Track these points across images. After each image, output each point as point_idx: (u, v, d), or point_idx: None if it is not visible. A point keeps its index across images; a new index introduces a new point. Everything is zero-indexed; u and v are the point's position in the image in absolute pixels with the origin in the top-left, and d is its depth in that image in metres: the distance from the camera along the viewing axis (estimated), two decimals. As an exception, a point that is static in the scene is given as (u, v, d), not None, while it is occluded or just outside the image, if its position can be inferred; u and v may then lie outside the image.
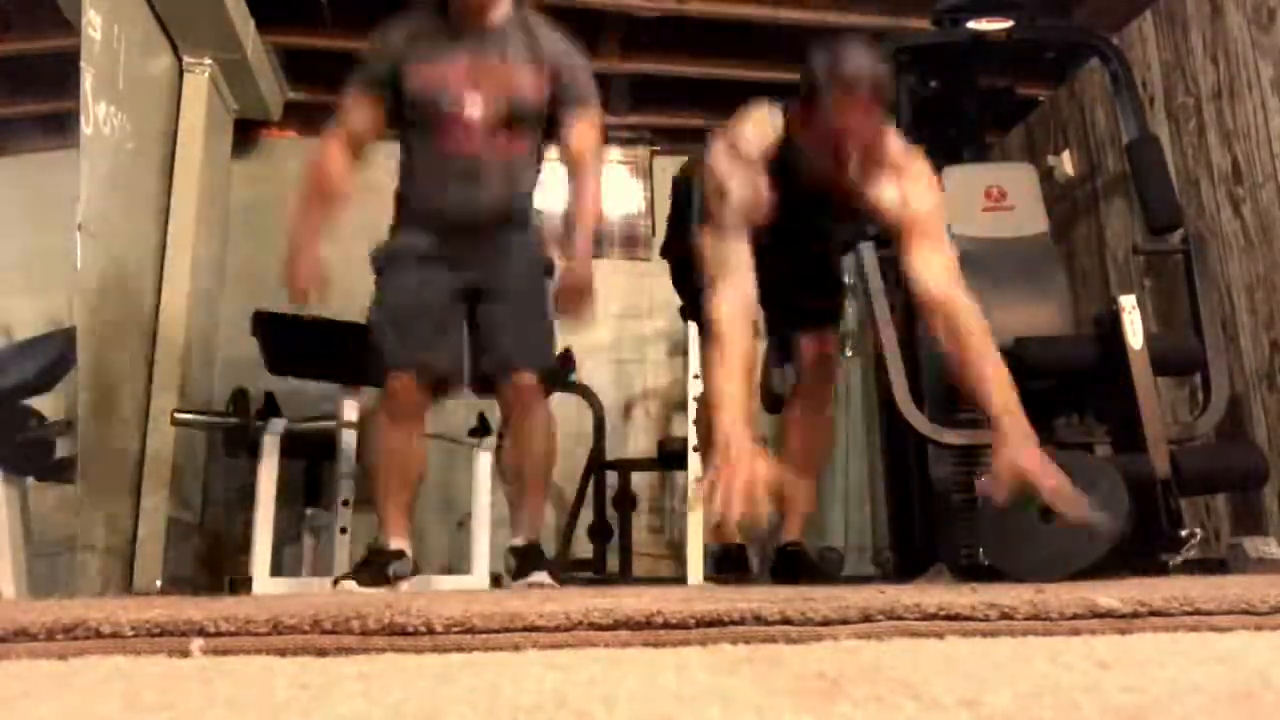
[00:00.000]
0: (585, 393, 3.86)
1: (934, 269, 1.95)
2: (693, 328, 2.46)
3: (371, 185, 2.47)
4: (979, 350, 1.90)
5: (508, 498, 2.46)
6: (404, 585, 2.26)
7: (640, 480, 3.94)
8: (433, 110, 2.22)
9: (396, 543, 2.25)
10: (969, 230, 3.02)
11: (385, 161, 2.45)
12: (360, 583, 2.15)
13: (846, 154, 1.89)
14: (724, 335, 1.91)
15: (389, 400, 2.25)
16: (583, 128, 2.29)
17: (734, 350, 1.89)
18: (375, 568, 2.19)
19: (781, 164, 2.01)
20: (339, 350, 3.17)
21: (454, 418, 3.83)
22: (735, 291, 1.93)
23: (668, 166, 4.55)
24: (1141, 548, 2.07)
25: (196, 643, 0.80)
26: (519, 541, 2.34)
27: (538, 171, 2.38)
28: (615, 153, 4.54)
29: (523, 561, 2.29)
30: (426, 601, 0.99)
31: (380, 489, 2.29)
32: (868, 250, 2.66)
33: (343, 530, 3.09)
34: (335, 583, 2.24)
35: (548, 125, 2.31)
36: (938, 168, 3.12)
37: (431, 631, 0.82)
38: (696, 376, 2.34)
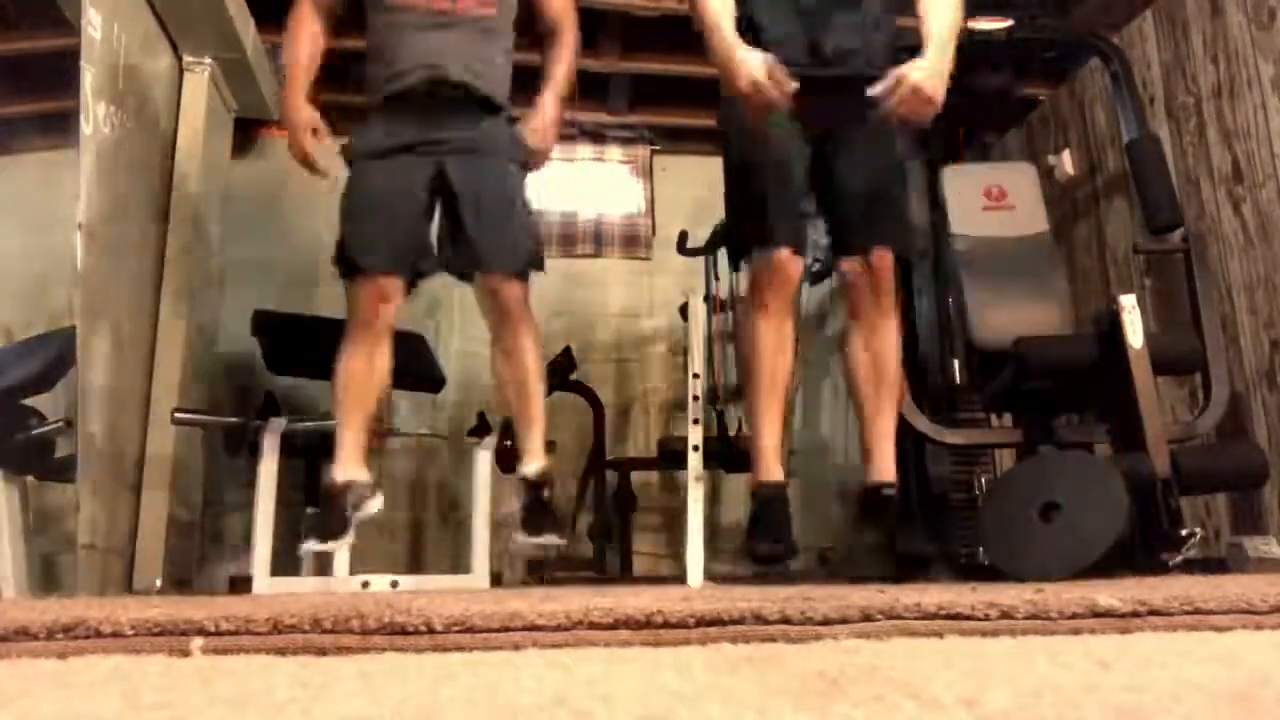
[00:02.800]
0: (585, 392, 3.86)
1: None
2: (692, 326, 2.45)
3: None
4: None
5: (513, 416, 2.37)
6: (371, 508, 2.15)
7: (640, 480, 3.94)
8: None
9: (345, 473, 2.12)
10: (969, 230, 3.03)
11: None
12: (323, 538, 2.06)
13: None
14: None
15: (353, 310, 2.18)
16: None
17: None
18: (332, 516, 2.08)
19: None
20: (327, 349, 3.17)
21: (454, 418, 3.84)
22: None
23: (668, 166, 4.56)
24: (1141, 547, 2.07)
25: (196, 642, 0.80)
26: (532, 469, 2.28)
27: (508, 51, 2.33)
28: (615, 152, 4.54)
29: (534, 512, 2.24)
30: (426, 601, 0.99)
31: (337, 412, 2.18)
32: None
33: (343, 530, 3.08)
34: (300, 544, 2.13)
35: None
36: (938, 168, 3.15)
37: (431, 631, 0.82)
38: (696, 376, 2.33)
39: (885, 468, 2.12)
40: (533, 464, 2.28)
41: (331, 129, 2.37)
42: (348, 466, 2.13)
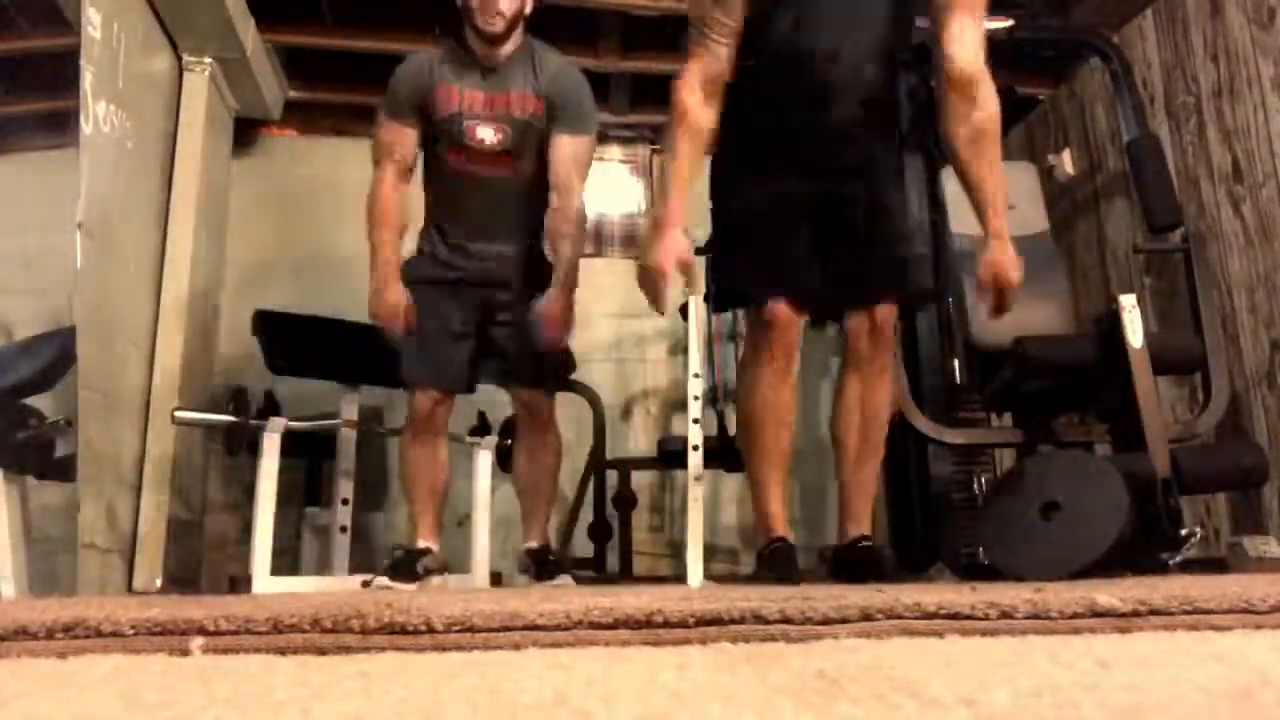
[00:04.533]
0: (585, 392, 3.86)
1: (967, 43, 1.92)
2: (692, 326, 2.45)
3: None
4: (987, 150, 1.98)
5: (521, 503, 2.70)
6: (435, 580, 2.46)
7: (640, 480, 3.94)
8: (455, 132, 2.43)
9: (424, 542, 2.46)
10: (969, 229, 3.02)
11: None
12: (393, 579, 2.33)
13: None
14: (685, 110, 1.95)
15: (414, 415, 2.47)
16: (570, 145, 2.45)
17: (689, 133, 1.96)
18: (406, 565, 2.39)
19: None
20: (339, 350, 3.17)
21: (454, 418, 3.84)
22: (701, 68, 1.94)
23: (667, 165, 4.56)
24: (1141, 547, 2.07)
25: (196, 642, 0.80)
26: (534, 544, 2.60)
27: (544, 205, 2.49)
28: (615, 152, 4.54)
29: (544, 566, 2.55)
30: (427, 600, 0.99)
31: (410, 495, 2.54)
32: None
33: (343, 529, 3.09)
34: (365, 584, 2.41)
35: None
36: (938, 167, 3.15)
37: (432, 630, 0.82)
38: (697, 375, 2.32)
39: (863, 524, 2.14)
40: (534, 541, 2.62)
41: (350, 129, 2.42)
42: (428, 538, 2.49)
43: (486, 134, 2.43)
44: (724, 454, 3.47)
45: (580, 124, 2.47)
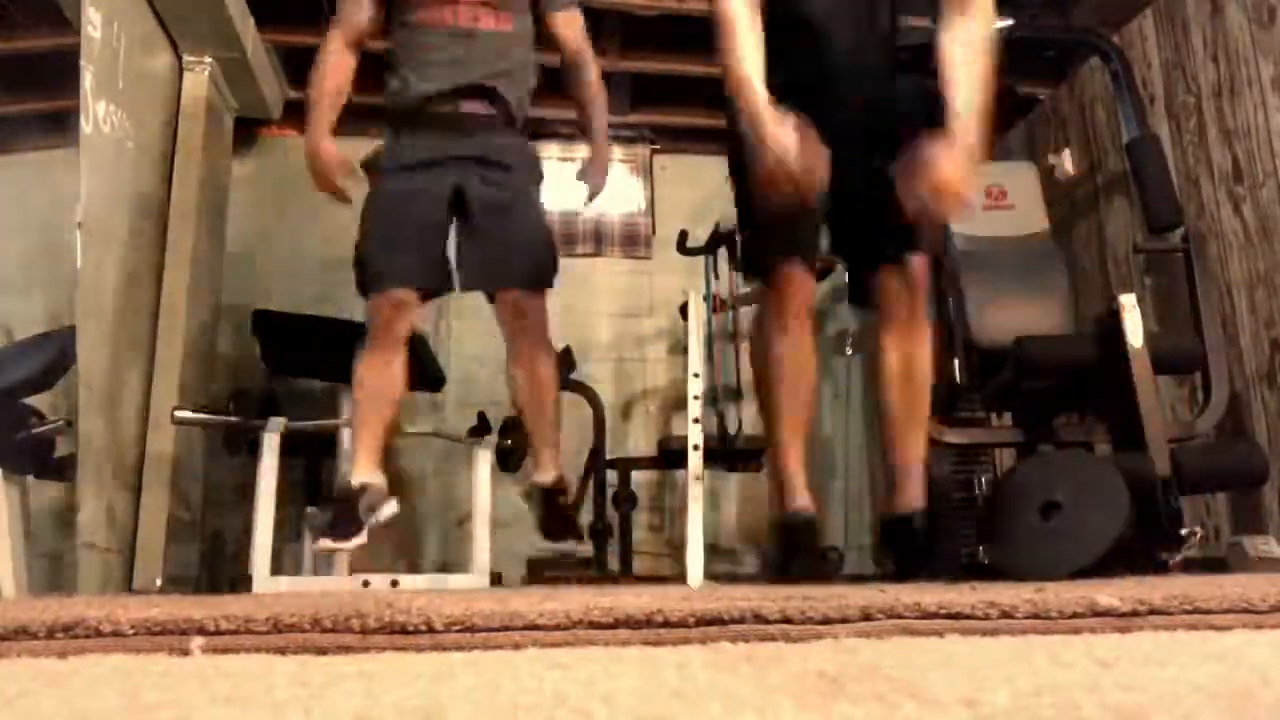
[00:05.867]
0: (585, 392, 3.86)
1: (961, 36, 1.84)
2: (692, 326, 2.45)
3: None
4: (965, 69, 1.81)
5: (527, 428, 2.43)
6: (384, 514, 2.21)
7: (640, 479, 3.94)
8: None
9: (360, 476, 2.17)
10: (969, 229, 3.03)
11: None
12: (335, 539, 2.11)
13: None
14: (732, 20, 1.86)
15: (370, 323, 2.21)
16: (573, 25, 2.41)
17: (744, 35, 1.85)
18: (346, 517, 2.14)
19: None
20: (339, 350, 3.17)
21: (454, 417, 3.84)
22: None
23: (668, 165, 4.56)
24: (1141, 547, 2.07)
25: (196, 641, 0.80)
26: (547, 478, 2.38)
27: (525, 66, 2.37)
28: (615, 151, 4.54)
29: (553, 519, 2.35)
30: (427, 600, 0.99)
31: (355, 415, 2.25)
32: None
33: (343, 529, 3.08)
34: (315, 541, 2.21)
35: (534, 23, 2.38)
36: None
37: (432, 630, 0.82)
38: (696, 376, 2.32)
39: (915, 493, 2.01)
40: (547, 474, 2.38)
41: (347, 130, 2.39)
42: (365, 470, 2.18)
43: None
44: (724, 454, 3.48)
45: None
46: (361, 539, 2.15)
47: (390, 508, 2.23)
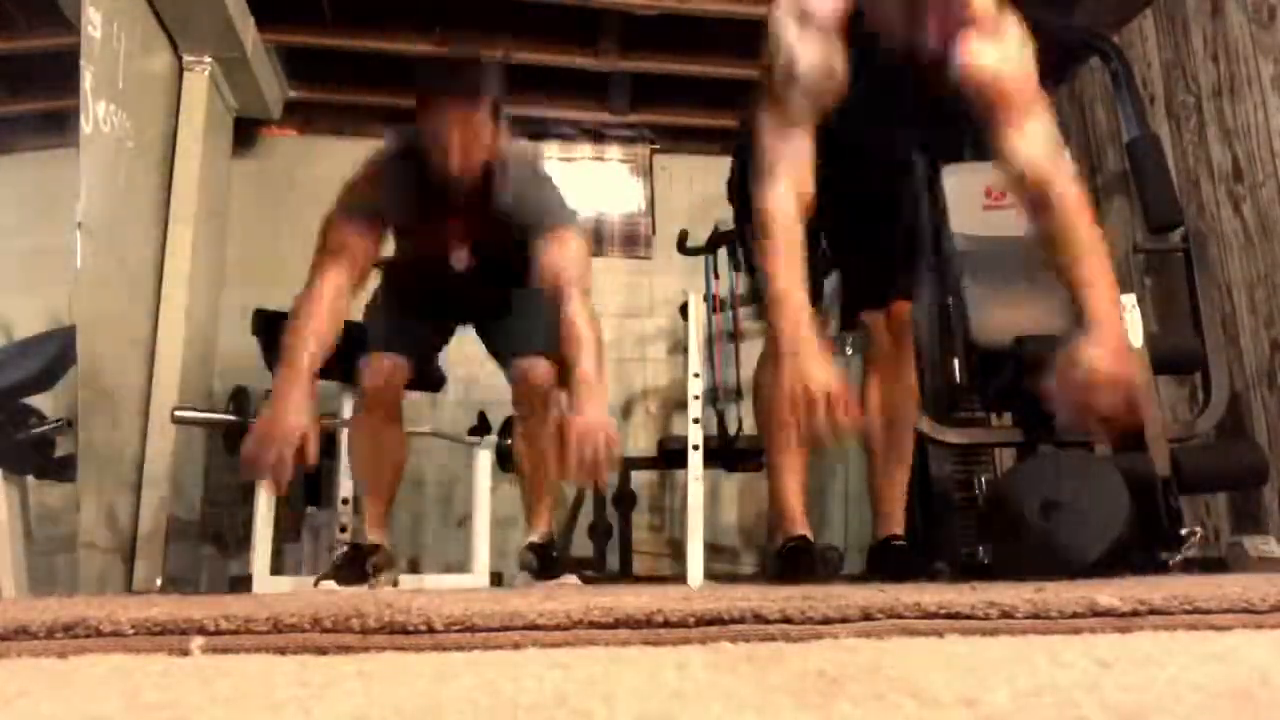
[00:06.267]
0: (585, 392, 3.85)
1: (1034, 143, 1.68)
2: (692, 326, 2.45)
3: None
4: (1083, 247, 1.68)
5: (523, 492, 2.53)
6: (384, 578, 2.32)
7: (640, 479, 3.94)
8: (420, 254, 2.34)
9: (374, 538, 2.34)
10: (970, 229, 3.02)
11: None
12: (340, 582, 2.22)
13: (925, 9, 1.60)
14: (776, 227, 1.67)
15: (363, 389, 2.32)
16: (556, 246, 2.14)
17: (789, 245, 1.66)
18: (355, 567, 2.28)
19: (852, 32, 1.69)
20: (339, 350, 3.17)
21: (454, 417, 3.84)
22: (791, 183, 1.69)
23: (668, 165, 4.56)
24: (1141, 547, 2.08)
25: (196, 641, 0.80)
26: (536, 538, 2.45)
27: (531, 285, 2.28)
28: (615, 152, 4.54)
29: (548, 563, 2.42)
30: (427, 600, 0.99)
31: (360, 485, 2.39)
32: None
33: (342, 529, 3.08)
34: (316, 582, 2.30)
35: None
36: (938, 168, 3.14)
37: (432, 630, 0.82)
38: (696, 375, 2.33)
39: (895, 525, 2.16)
40: (537, 532, 2.46)
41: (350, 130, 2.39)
42: (376, 533, 2.36)
43: (458, 261, 2.28)
44: (724, 454, 3.48)
45: (553, 218, 2.20)
46: (361, 590, 2.22)
47: (394, 575, 2.39)
